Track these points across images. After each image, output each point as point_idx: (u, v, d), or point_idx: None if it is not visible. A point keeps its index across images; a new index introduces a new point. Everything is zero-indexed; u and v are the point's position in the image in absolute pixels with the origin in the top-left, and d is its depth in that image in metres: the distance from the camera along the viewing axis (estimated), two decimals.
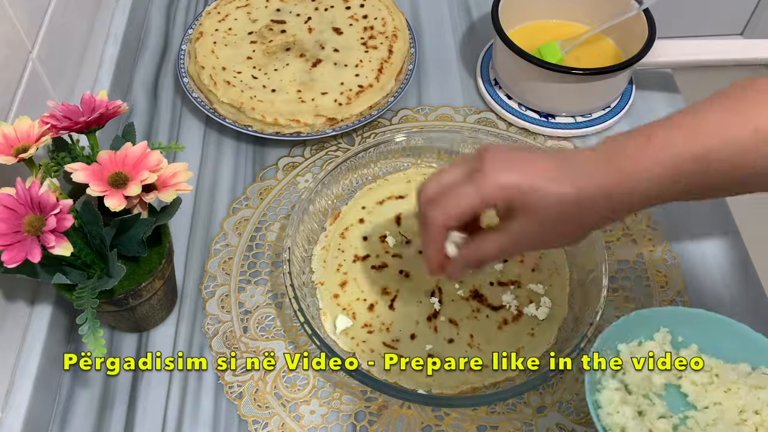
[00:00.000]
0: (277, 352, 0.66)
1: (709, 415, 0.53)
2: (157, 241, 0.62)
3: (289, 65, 0.82)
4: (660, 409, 0.54)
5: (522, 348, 0.64)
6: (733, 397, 0.53)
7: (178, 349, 0.66)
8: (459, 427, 0.62)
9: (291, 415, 0.62)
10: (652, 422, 0.52)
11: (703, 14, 2.06)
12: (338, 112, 0.79)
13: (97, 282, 0.56)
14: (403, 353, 0.64)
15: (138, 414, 0.63)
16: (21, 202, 0.51)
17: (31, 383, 0.59)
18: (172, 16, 0.96)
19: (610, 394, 0.53)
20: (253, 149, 0.81)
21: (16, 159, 0.54)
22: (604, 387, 0.54)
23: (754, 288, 0.70)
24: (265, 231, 0.74)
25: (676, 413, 0.54)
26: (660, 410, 0.54)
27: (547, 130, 0.82)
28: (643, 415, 0.53)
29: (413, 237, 0.71)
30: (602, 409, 0.52)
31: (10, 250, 0.49)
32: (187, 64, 0.85)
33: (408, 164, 0.77)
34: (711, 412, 0.53)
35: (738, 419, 0.52)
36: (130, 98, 0.86)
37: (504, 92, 0.85)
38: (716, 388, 0.54)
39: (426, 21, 0.95)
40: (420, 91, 0.87)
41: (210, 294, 0.70)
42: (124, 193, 0.54)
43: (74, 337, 0.67)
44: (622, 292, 0.69)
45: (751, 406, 0.52)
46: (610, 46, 0.85)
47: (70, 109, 0.59)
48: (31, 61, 0.65)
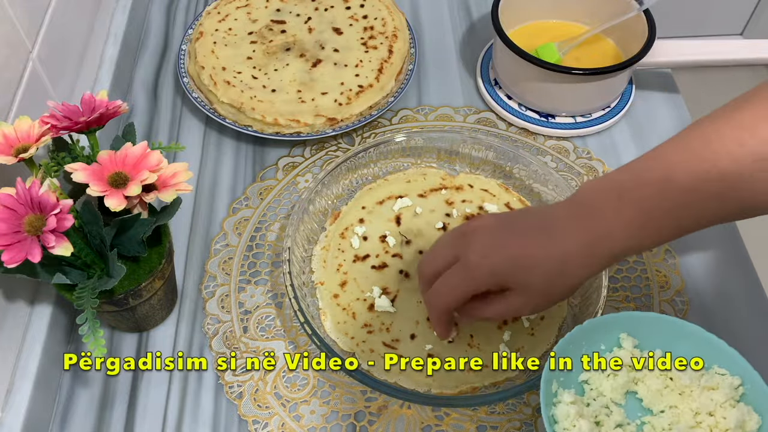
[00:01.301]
0: (277, 352, 0.66)
1: (665, 419, 0.53)
2: (157, 241, 0.62)
3: (289, 65, 0.82)
4: (617, 418, 0.53)
5: (522, 348, 0.64)
6: (687, 399, 0.53)
7: (178, 349, 0.66)
8: (459, 427, 0.62)
9: (291, 415, 0.62)
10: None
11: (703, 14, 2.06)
12: (338, 112, 0.79)
13: (97, 282, 0.56)
14: (403, 353, 0.64)
15: (138, 414, 0.63)
16: (21, 202, 0.51)
17: (31, 383, 0.59)
18: (172, 16, 0.96)
19: (565, 409, 0.52)
20: (253, 149, 0.81)
21: (16, 159, 0.54)
22: (560, 401, 0.53)
23: (754, 288, 0.70)
24: (265, 231, 0.74)
25: (634, 420, 0.54)
26: (617, 418, 0.53)
27: (547, 130, 0.82)
28: (600, 425, 0.53)
29: (413, 237, 0.71)
30: (558, 424, 0.52)
31: (10, 250, 0.49)
32: (187, 64, 0.85)
33: (408, 164, 0.77)
34: (666, 416, 0.53)
35: (693, 422, 0.52)
36: (130, 98, 0.86)
37: (504, 92, 0.85)
38: (671, 391, 0.54)
39: (426, 21, 0.95)
40: (420, 91, 0.87)
41: (210, 294, 0.70)
42: (124, 193, 0.54)
43: (74, 337, 0.67)
44: (622, 292, 0.69)
45: (705, 408, 0.52)
46: (610, 46, 0.85)
47: (70, 109, 0.59)
48: (31, 61, 0.65)
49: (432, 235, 0.71)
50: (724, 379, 0.52)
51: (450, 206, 0.74)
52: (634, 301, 0.69)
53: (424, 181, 0.76)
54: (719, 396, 0.52)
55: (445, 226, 0.72)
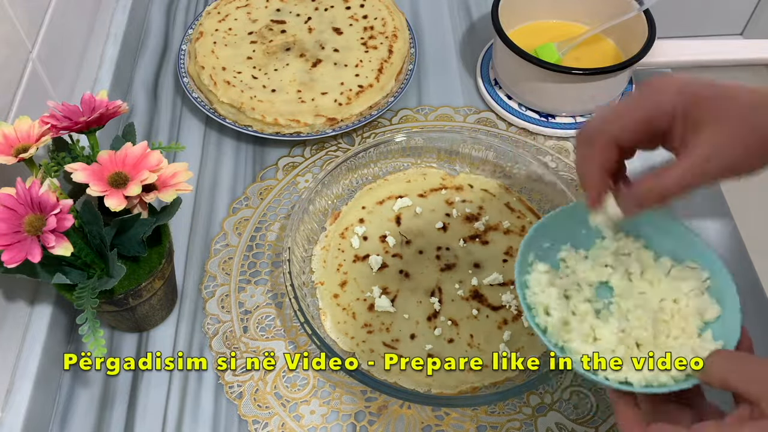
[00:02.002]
0: (277, 352, 0.66)
1: (630, 302, 0.53)
2: (157, 241, 0.62)
3: (289, 65, 0.82)
4: (587, 294, 0.54)
5: (522, 348, 0.64)
6: (656, 287, 0.54)
7: (178, 349, 0.66)
8: (459, 427, 0.62)
9: (291, 415, 0.62)
10: (576, 305, 0.53)
11: (703, 14, 2.06)
12: (338, 112, 0.79)
13: (97, 282, 0.56)
14: (403, 353, 0.64)
15: (138, 414, 0.63)
16: (21, 202, 0.51)
17: (31, 383, 0.59)
18: (172, 16, 0.96)
19: (538, 276, 0.53)
20: (253, 149, 0.81)
21: (16, 159, 0.54)
22: (534, 270, 0.54)
23: (753, 288, 0.70)
24: (265, 231, 0.74)
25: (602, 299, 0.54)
26: (587, 294, 0.54)
27: (547, 130, 0.82)
28: (569, 299, 0.53)
29: (413, 237, 0.71)
30: (529, 290, 0.53)
31: (10, 250, 0.49)
32: (187, 64, 0.85)
33: (408, 164, 0.77)
34: (634, 300, 0.53)
35: (657, 307, 0.52)
36: (130, 98, 0.86)
37: (504, 92, 0.85)
38: (641, 280, 0.55)
39: (426, 21, 0.95)
40: (420, 91, 0.87)
41: (210, 294, 0.70)
42: (124, 193, 0.54)
43: (74, 337, 0.67)
44: None
45: (670, 295, 0.53)
46: (610, 46, 0.85)
47: (70, 109, 0.59)
48: (31, 61, 0.65)
49: (432, 235, 0.71)
50: (694, 272, 0.53)
51: (450, 206, 0.74)
52: None
53: (424, 181, 0.76)
54: (686, 286, 0.52)
55: (445, 226, 0.72)
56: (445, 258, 0.70)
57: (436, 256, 0.70)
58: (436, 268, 0.69)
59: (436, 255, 0.70)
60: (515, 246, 0.70)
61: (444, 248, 0.70)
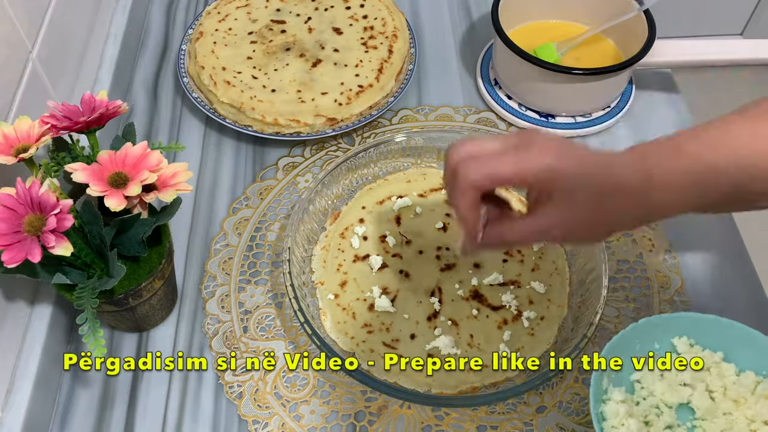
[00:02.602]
0: (277, 352, 0.66)
1: (718, 424, 0.51)
2: (157, 241, 0.62)
3: (289, 65, 0.82)
4: (667, 419, 0.52)
5: (522, 348, 0.64)
6: (742, 407, 0.52)
7: (178, 349, 0.66)
8: (459, 427, 0.62)
9: (291, 415, 0.62)
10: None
11: (703, 14, 2.06)
12: (338, 112, 0.79)
13: (97, 282, 0.56)
14: (403, 353, 0.64)
15: (138, 414, 0.63)
16: (21, 202, 0.51)
17: (31, 383, 0.59)
18: (172, 16, 0.96)
19: (615, 407, 0.52)
20: (253, 149, 0.81)
21: (16, 159, 0.54)
22: (610, 399, 0.52)
23: (753, 288, 0.70)
24: (265, 231, 0.74)
25: (684, 422, 0.53)
26: (667, 419, 0.52)
27: (547, 130, 0.82)
28: (650, 425, 0.52)
29: (413, 237, 0.71)
30: (607, 422, 0.51)
31: (10, 250, 0.49)
32: (187, 64, 0.85)
33: (408, 164, 0.77)
34: (720, 422, 0.52)
35: (747, 430, 0.51)
36: (130, 98, 0.86)
37: (504, 92, 0.85)
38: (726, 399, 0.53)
39: (426, 21, 0.95)
40: (420, 91, 0.87)
41: (210, 294, 0.70)
42: (124, 193, 0.54)
43: (74, 337, 0.67)
44: (622, 292, 0.69)
45: (761, 416, 0.51)
46: (610, 47, 0.85)
47: (70, 109, 0.59)
48: (31, 61, 0.65)
49: (432, 235, 0.71)
50: None
51: (450, 206, 0.74)
52: (634, 301, 0.69)
53: (424, 181, 0.76)
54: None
55: (445, 226, 0.72)
56: (445, 258, 0.70)
57: (436, 256, 0.70)
58: (436, 268, 0.69)
59: (436, 255, 0.70)
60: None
61: (444, 248, 0.70)
